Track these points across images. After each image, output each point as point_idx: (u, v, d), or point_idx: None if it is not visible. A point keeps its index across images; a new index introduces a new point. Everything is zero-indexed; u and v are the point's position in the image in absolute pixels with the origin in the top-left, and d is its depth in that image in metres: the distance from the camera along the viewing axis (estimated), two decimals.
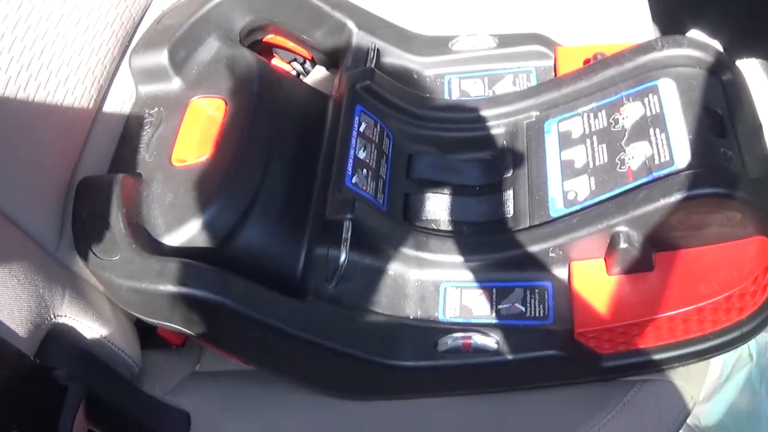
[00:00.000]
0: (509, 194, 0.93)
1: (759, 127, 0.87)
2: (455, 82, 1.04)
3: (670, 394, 0.87)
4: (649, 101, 0.89)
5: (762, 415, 1.09)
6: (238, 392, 0.93)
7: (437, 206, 0.94)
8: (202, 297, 0.78)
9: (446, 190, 0.96)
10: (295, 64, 1.12)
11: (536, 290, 0.86)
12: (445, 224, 0.93)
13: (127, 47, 1.01)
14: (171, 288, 0.78)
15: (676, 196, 0.79)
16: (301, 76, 1.21)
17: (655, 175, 0.83)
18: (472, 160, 0.98)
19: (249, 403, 0.91)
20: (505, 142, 0.98)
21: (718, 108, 0.87)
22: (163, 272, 0.79)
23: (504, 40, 1.05)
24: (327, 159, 0.92)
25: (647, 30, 1.16)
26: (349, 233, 0.84)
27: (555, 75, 1.02)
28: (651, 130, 0.86)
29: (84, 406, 0.80)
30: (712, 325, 0.82)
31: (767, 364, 1.06)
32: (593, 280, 0.84)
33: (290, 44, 1.08)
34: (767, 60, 1.35)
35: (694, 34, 1.35)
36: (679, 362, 0.84)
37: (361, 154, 0.91)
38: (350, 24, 1.04)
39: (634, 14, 1.17)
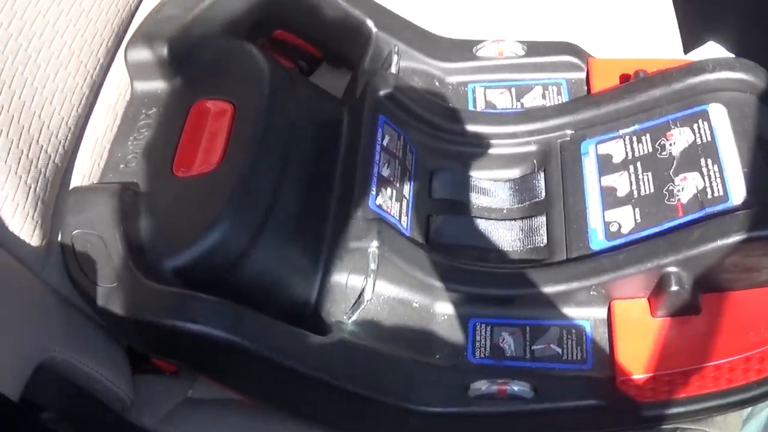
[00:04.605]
0: (542, 220, 0.86)
1: None
2: (480, 92, 0.96)
3: None
4: (698, 127, 0.82)
5: None
6: (233, 422, 0.86)
7: (462, 230, 0.86)
8: (213, 335, 0.70)
9: (471, 212, 0.88)
10: (302, 63, 1.02)
11: (573, 330, 0.79)
12: (470, 250, 0.86)
13: (122, 38, 0.90)
14: (178, 324, 0.70)
15: (735, 237, 0.73)
16: None
17: (708, 211, 0.77)
18: (499, 180, 0.91)
19: None
20: (536, 162, 0.90)
21: None
22: (169, 305, 0.71)
23: (533, 48, 0.97)
24: (346, 173, 0.84)
25: (674, 42, 1.09)
26: (377, 263, 0.76)
27: (588, 89, 0.95)
28: (702, 160, 0.80)
29: None
30: (756, 373, 0.77)
31: None
32: (636, 323, 0.78)
33: (299, 41, 0.99)
34: None
35: (711, 46, 1.29)
36: (720, 412, 0.79)
37: (385, 172, 0.83)
38: (369, 23, 0.95)
39: (660, 24, 1.10)
